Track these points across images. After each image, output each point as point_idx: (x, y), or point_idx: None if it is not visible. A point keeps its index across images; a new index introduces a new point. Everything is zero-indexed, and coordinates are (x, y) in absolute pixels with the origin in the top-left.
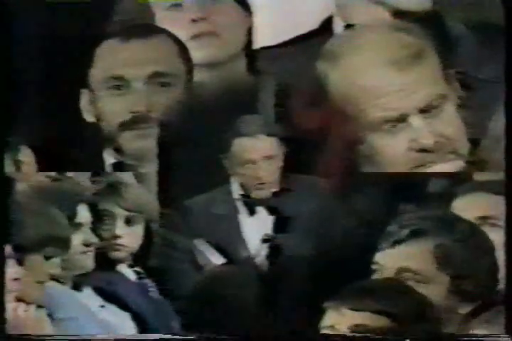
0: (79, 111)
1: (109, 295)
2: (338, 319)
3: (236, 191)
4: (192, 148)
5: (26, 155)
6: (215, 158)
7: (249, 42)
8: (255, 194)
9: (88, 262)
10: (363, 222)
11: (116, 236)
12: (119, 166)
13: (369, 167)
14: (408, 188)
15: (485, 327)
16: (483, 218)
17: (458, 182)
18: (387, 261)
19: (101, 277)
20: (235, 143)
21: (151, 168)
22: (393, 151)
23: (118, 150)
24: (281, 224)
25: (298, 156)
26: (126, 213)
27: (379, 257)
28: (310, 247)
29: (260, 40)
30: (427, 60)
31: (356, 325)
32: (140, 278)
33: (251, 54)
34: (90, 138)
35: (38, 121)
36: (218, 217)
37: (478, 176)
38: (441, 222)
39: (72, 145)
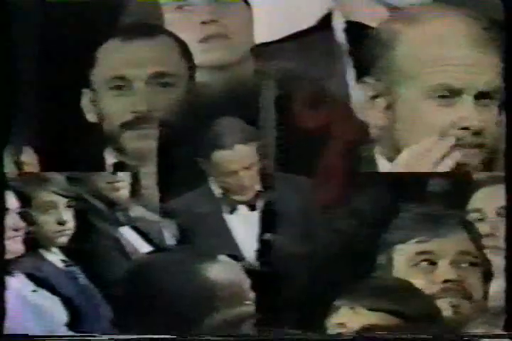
0: (80, 111)
1: (40, 281)
2: (349, 317)
3: (218, 192)
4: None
5: (28, 156)
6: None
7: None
8: (238, 197)
9: (17, 246)
10: (361, 222)
11: (63, 222)
12: (119, 166)
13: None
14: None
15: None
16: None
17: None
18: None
19: (31, 263)
20: (214, 155)
21: (152, 168)
22: (439, 122)
23: (119, 150)
24: (269, 222)
25: (296, 156)
26: (65, 199)
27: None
28: (297, 246)
29: (258, 37)
30: (499, 51)
31: (368, 324)
32: (67, 266)
33: (254, 52)
34: (91, 138)
35: (39, 122)
36: (203, 216)
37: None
38: None
39: (73, 145)
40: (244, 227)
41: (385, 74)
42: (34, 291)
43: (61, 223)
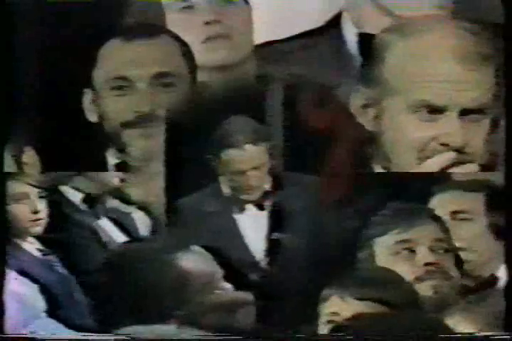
0: (81, 112)
1: (20, 269)
2: (340, 306)
3: (226, 190)
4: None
5: (30, 156)
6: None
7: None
8: (245, 196)
9: None
10: (362, 221)
11: (37, 211)
12: (122, 166)
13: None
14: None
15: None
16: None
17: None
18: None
19: (11, 251)
20: (224, 153)
21: (154, 168)
22: (419, 137)
23: (121, 150)
24: (277, 222)
25: (305, 156)
26: (36, 190)
27: None
28: (304, 243)
29: (259, 37)
30: (491, 67)
31: (358, 313)
32: (44, 255)
33: (257, 52)
34: (93, 138)
35: (40, 122)
36: (212, 215)
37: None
38: None
39: (75, 145)
40: (253, 227)
41: (374, 85)
42: (15, 279)
43: (35, 212)
